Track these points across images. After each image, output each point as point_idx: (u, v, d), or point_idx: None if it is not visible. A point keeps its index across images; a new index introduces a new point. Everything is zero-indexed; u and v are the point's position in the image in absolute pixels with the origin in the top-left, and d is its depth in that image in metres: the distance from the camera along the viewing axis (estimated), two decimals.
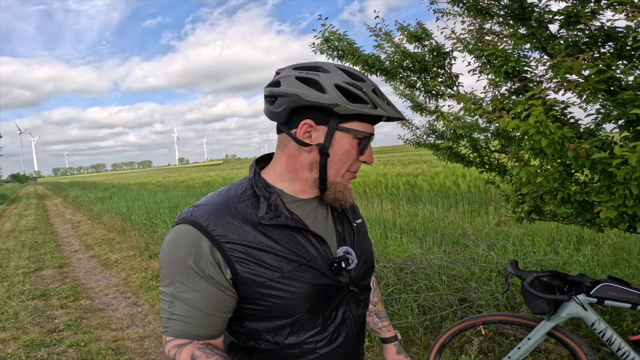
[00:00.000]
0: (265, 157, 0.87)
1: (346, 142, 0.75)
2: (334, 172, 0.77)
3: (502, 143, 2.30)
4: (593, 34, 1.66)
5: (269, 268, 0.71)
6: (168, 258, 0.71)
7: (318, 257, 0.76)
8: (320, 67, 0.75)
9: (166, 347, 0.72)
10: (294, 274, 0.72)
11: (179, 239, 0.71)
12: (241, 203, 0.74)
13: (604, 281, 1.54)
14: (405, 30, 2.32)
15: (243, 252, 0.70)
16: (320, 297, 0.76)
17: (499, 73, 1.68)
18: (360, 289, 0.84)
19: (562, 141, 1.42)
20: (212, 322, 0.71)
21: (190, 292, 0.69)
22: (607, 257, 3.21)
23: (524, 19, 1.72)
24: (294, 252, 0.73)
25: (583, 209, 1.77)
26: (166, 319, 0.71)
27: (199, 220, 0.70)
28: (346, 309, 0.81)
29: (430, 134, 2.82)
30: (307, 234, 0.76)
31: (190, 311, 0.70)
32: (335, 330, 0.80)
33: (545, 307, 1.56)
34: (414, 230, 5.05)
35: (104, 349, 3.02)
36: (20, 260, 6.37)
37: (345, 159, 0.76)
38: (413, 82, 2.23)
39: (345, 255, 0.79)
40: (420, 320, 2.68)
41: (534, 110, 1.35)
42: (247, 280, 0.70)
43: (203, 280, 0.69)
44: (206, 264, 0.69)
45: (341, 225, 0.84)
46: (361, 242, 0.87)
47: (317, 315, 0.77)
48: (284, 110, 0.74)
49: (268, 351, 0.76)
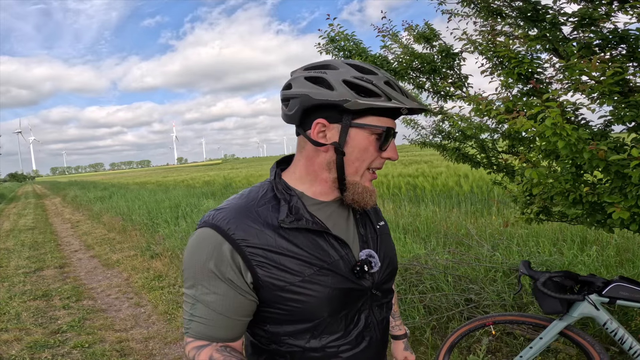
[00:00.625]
0: (286, 158, 0.86)
1: (362, 139, 0.73)
2: (352, 171, 0.75)
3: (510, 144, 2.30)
4: (606, 36, 1.66)
5: (290, 272, 0.70)
6: (190, 261, 0.72)
7: (340, 261, 0.75)
8: (329, 65, 0.74)
9: (186, 347, 0.72)
10: (315, 278, 0.72)
11: (201, 242, 0.71)
12: (262, 206, 0.74)
13: (616, 281, 1.54)
14: (413, 31, 2.32)
15: (264, 256, 0.70)
16: (342, 301, 0.75)
17: (511, 74, 1.68)
18: (383, 293, 0.83)
19: (578, 142, 1.42)
20: (232, 325, 0.71)
21: (210, 295, 0.70)
22: (612, 258, 3.23)
23: (536, 21, 1.73)
24: (315, 255, 0.72)
25: (594, 210, 1.78)
26: (188, 320, 0.72)
27: (221, 224, 0.71)
28: (369, 312, 0.80)
29: (436, 134, 2.82)
30: (329, 237, 0.75)
31: (211, 314, 0.70)
32: (359, 334, 0.79)
33: (558, 307, 1.56)
34: (417, 230, 5.06)
35: (109, 350, 3.00)
36: (20, 260, 6.34)
37: (362, 156, 0.74)
38: (422, 83, 2.23)
39: (367, 259, 0.78)
40: (427, 321, 2.68)
41: (551, 112, 1.35)
42: (267, 284, 0.70)
43: (223, 283, 0.70)
44: (226, 268, 0.69)
45: (364, 227, 0.83)
46: (384, 245, 0.85)
47: (339, 319, 0.76)
48: (297, 112, 0.74)
49: (290, 354, 0.76)
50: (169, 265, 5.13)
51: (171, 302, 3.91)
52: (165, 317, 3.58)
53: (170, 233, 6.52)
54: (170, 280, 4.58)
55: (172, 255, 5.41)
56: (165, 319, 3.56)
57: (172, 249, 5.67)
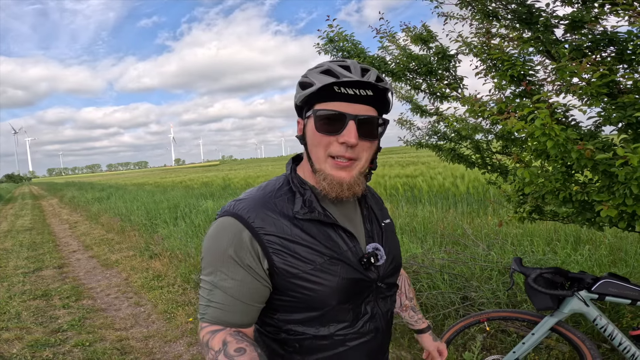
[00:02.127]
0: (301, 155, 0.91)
1: (311, 126, 0.77)
2: (315, 158, 0.78)
3: (504, 144, 2.35)
4: (596, 38, 1.71)
5: (303, 260, 0.75)
6: (211, 248, 0.75)
7: (348, 252, 0.79)
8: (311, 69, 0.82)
9: (201, 332, 0.75)
10: (326, 267, 0.76)
11: (222, 230, 0.75)
12: (278, 198, 0.79)
13: (605, 278, 1.59)
14: (410, 32, 2.36)
15: (280, 244, 0.74)
16: (350, 290, 0.79)
17: (504, 76, 1.73)
18: (388, 286, 0.88)
19: (566, 143, 1.47)
20: (247, 310, 0.75)
21: (229, 281, 0.73)
22: (605, 257, 3.28)
23: (530, 23, 1.78)
24: (326, 246, 0.77)
25: (583, 209, 1.83)
26: (204, 306, 0.75)
27: (241, 213, 0.75)
28: (374, 304, 0.84)
29: (432, 135, 2.86)
30: (338, 230, 0.79)
31: (227, 299, 0.73)
32: (365, 324, 0.82)
33: (549, 303, 1.61)
34: (414, 230, 5.11)
35: (109, 349, 3.03)
36: (19, 260, 6.34)
37: (314, 140, 0.77)
38: (418, 84, 2.27)
39: (374, 251, 0.83)
40: None
41: (540, 113, 1.40)
42: (282, 271, 0.74)
43: (242, 269, 0.73)
44: (246, 254, 0.73)
45: (370, 223, 0.87)
46: (389, 241, 0.90)
47: (346, 309, 0.80)
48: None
49: (299, 342, 0.80)
50: (168, 265, 5.15)
51: (170, 301, 3.94)
52: (165, 316, 3.61)
53: (169, 233, 6.54)
54: (169, 280, 4.60)
55: (172, 255, 5.43)
56: (164, 318, 3.59)
57: (171, 249, 5.69)
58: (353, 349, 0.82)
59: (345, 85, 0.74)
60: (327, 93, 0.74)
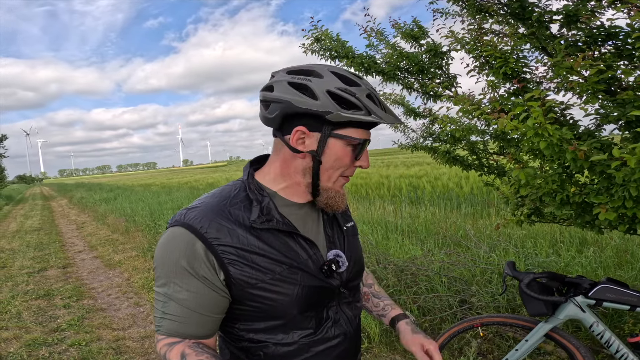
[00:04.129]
0: (259, 158, 0.88)
1: (339, 149, 0.74)
2: (326, 178, 0.77)
3: (501, 145, 2.29)
4: (592, 33, 1.65)
5: (261, 270, 0.72)
6: (162, 259, 0.72)
7: (308, 260, 0.77)
8: (313, 71, 0.74)
9: (158, 345, 0.73)
10: (285, 276, 0.74)
11: (173, 241, 0.72)
12: (234, 206, 0.75)
13: (603, 283, 1.53)
14: (400, 29, 2.30)
15: (236, 255, 0.71)
16: (311, 298, 0.77)
17: (497, 74, 1.67)
18: (350, 290, 0.86)
19: (561, 143, 1.41)
20: (204, 321, 0.72)
21: (183, 293, 0.71)
22: (610, 259, 3.19)
23: (524, 19, 1.72)
24: (285, 255, 0.74)
25: (583, 211, 1.76)
26: (159, 318, 0.72)
27: (193, 223, 0.71)
28: (337, 309, 0.82)
29: (427, 137, 2.80)
30: (298, 238, 0.77)
31: (183, 311, 0.71)
32: (329, 330, 0.81)
33: (543, 309, 1.55)
34: (415, 232, 5.04)
35: (105, 348, 3.03)
36: (24, 260, 6.43)
37: (337, 165, 0.76)
38: (410, 84, 2.22)
39: (335, 258, 0.81)
40: (420, 322, 2.67)
41: (533, 112, 1.35)
42: (239, 281, 0.71)
43: (197, 280, 0.70)
44: (200, 265, 0.70)
45: (331, 228, 0.85)
46: (351, 245, 0.87)
47: (309, 316, 0.78)
48: (277, 117, 0.74)
49: (262, 349, 0.77)
50: None
51: None
52: None
53: None
54: None
55: None
56: None
57: None
58: (319, 354, 0.80)
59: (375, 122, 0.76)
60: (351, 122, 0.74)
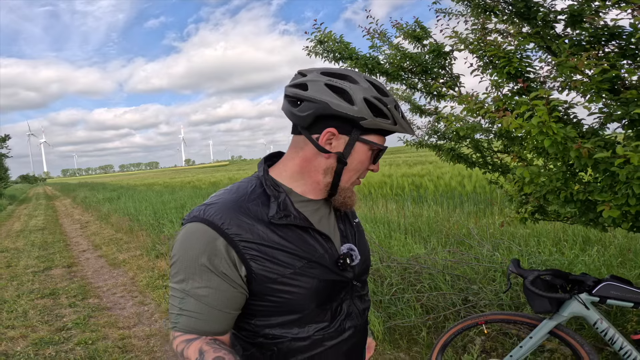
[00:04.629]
0: (272, 155, 0.89)
1: (363, 153, 0.78)
2: (346, 179, 0.80)
3: (505, 143, 2.29)
4: (596, 32, 1.66)
5: (282, 265, 0.74)
6: (181, 255, 0.72)
7: (325, 255, 0.79)
8: (348, 76, 0.76)
9: (174, 342, 0.73)
10: (304, 271, 0.76)
11: (192, 237, 0.72)
12: (252, 202, 0.76)
13: (607, 280, 1.54)
14: (402, 30, 2.30)
15: (257, 250, 0.72)
16: (327, 292, 0.79)
17: (501, 74, 1.68)
18: (362, 284, 0.89)
19: (565, 141, 1.42)
20: (222, 318, 0.73)
21: (203, 289, 0.71)
22: (614, 258, 3.19)
23: (529, 18, 1.73)
24: (303, 249, 0.76)
25: (586, 209, 1.77)
26: (176, 314, 0.73)
27: (213, 219, 0.72)
28: (350, 302, 0.85)
29: (432, 135, 2.81)
30: (314, 233, 0.79)
31: (201, 307, 0.71)
32: (342, 323, 0.83)
33: (547, 306, 1.56)
34: (418, 230, 5.05)
35: (111, 347, 3.06)
36: (29, 259, 6.47)
37: (359, 168, 0.80)
38: (414, 84, 2.23)
39: (349, 252, 0.84)
40: (424, 320, 2.68)
41: (538, 111, 1.36)
42: (261, 277, 0.73)
43: (217, 277, 0.71)
44: (221, 262, 0.71)
45: (343, 224, 0.88)
46: (361, 240, 0.91)
47: (324, 310, 0.80)
48: (309, 116, 0.75)
49: (277, 345, 0.79)
50: None
51: None
52: (168, 315, 3.64)
53: (175, 233, 6.60)
54: None
55: None
56: (167, 317, 3.61)
57: None
58: (331, 348, 0.82)
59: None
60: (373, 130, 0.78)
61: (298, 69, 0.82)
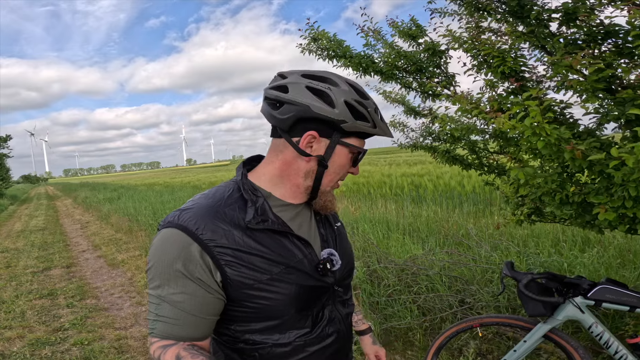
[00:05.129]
0: (252, 159, 0.88)
1: (344, 156, 0.78)
2: (327, 182, 0.80)
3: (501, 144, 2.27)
4: (592, 31, 1.63)
5: (258, 271, 0.73)
6: (156, 261, 0.71)
7: (304, 260, 0.78)
8: (328, 78, 0.76)
9: (151, 348, 0.72)
10: (282, 276, 0.74)
11: (167, 243, 0.71)
12: (229, 206, 0.75)
13: (602, 283, 1.51)
14: (397, 28, 2.28)
15: (232, 256, 0.71)
16: (307, 297, 0.78)
17: (495, 73, 1.66)
18: (344, 289, 0.88)
19: (559, 142, 1.40)
20: (199, 323, 0.72)
21: (178, 295, 0.70)
22: (613, 259, 3.16)
23: (522, 17, 1.70)
24: (280, 255, 0.75)
25: (583, 211, 1.75)
26: (153, 320, 0.72)
27: (188, 224, 0.71)
28: (332, 307, 0.84)
29: (426, 136, 2.79)
30: (293, 238, 0.78)
31: (177, 313, 0.70)
32: (324, 329, 0.82)
33: (541, 310, 1.54)
34: (417, 230, 5.03)
35: (107, 347, 3.05)
36: (29, 259, 6.48)
37: (340, 171, 0.80)
38: (409, 83, 2.21)
39: (329, 257, 0.82)
40: (420, 322, 2.66)
41: (531, 111, 1.34)
42: (236, 282, 0.72)
43: (192, 282, 0.70)
44: (195, 267, 0.70)
45: (324, 228, 0.87)
46: (343, 244, 0.89)
47: (305, 316, 0.79)
48: (289, 118, 0.74)
49: (258, 351, 0.77)
50: None
51: None
52: None
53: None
54: None
55: None
56: None
57: None
58: (314, 354, 0.81)
59: None
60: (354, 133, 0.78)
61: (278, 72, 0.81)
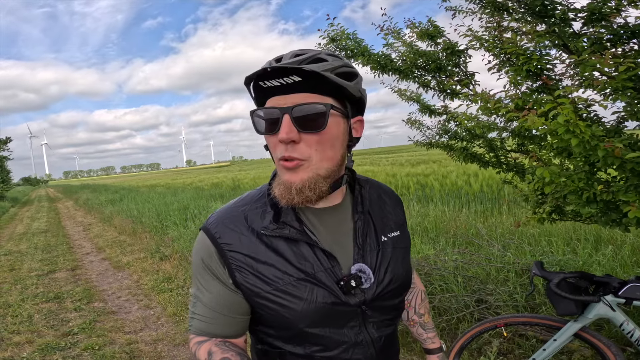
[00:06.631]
0: None
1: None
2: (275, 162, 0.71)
3: (519, 142, 2.25)
4: (617, 31, 1.62)
5: (264, 280, 0.70)
6: (193, 262, 0.77)
7: (322, 273, 0.70)
8: None
9: (190, 343, 0.76)
10: (290, 289, 0.69)
11: (197, 245, 0.76)
12: (252, 211, 0.74)
13: (632, 281, 1.50)
14: (415, 28, 2.26)
15: (243, 262, 0.71)
16: (322, 315, 0.71)
17: (520, 71, 1.64)
18: (381, 310, 0.76)
19: (592, 140, 1.38)
20: (228, 322, 0.73)
21: (206, 294, 0.73)
22: (628, 257, 3.14)
23: (545, 17, 1.69)
24: (294, 265, 0.70)
25: (608, 209, 1.73)
26: (190, 317, 0.76)
27: (210, 227, 0.74)
28: (360, 330, 0.74)
29: (442, 134, 2.77)
30: (314, 248, 0.71)
31: (207, 311, 0.73)
32: (346, 350, 0.74)
33: (573, 308, 1.52)
34: (425, 230, 5.00)
35: (118, 352, 3.02)
36: (33, 262, 6.44)
37: (268, 143, 0.71)
38: (427, 82, 2.19)
39: (357, 274, 0.72)
40: (436, 322, 2.64)
41: (564, 109, 1.31)
42: (244, 288, 0.71)
43: (217, 283, 0.73)
44: (217, 267, 0.72)
45: (362, 238, 0.75)
46: (388, 259, 0.77)
47: (322, 332, 0.72)
48: None
49: (279, 355, 0.76)
50: (178, 267, 5.15)
51: (180, 304, 3.93)
52: (174, 319, 3.59)
53: (179, 235, 6.56)
54: (179, 282, 4.60)
55: (181, 257, 5.43)
56: (174, 320, 3.57)
57: (180, 250, 5.70)
58: None
59: (269, 78, 0.64)
60: (261, 92, 0.68)
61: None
